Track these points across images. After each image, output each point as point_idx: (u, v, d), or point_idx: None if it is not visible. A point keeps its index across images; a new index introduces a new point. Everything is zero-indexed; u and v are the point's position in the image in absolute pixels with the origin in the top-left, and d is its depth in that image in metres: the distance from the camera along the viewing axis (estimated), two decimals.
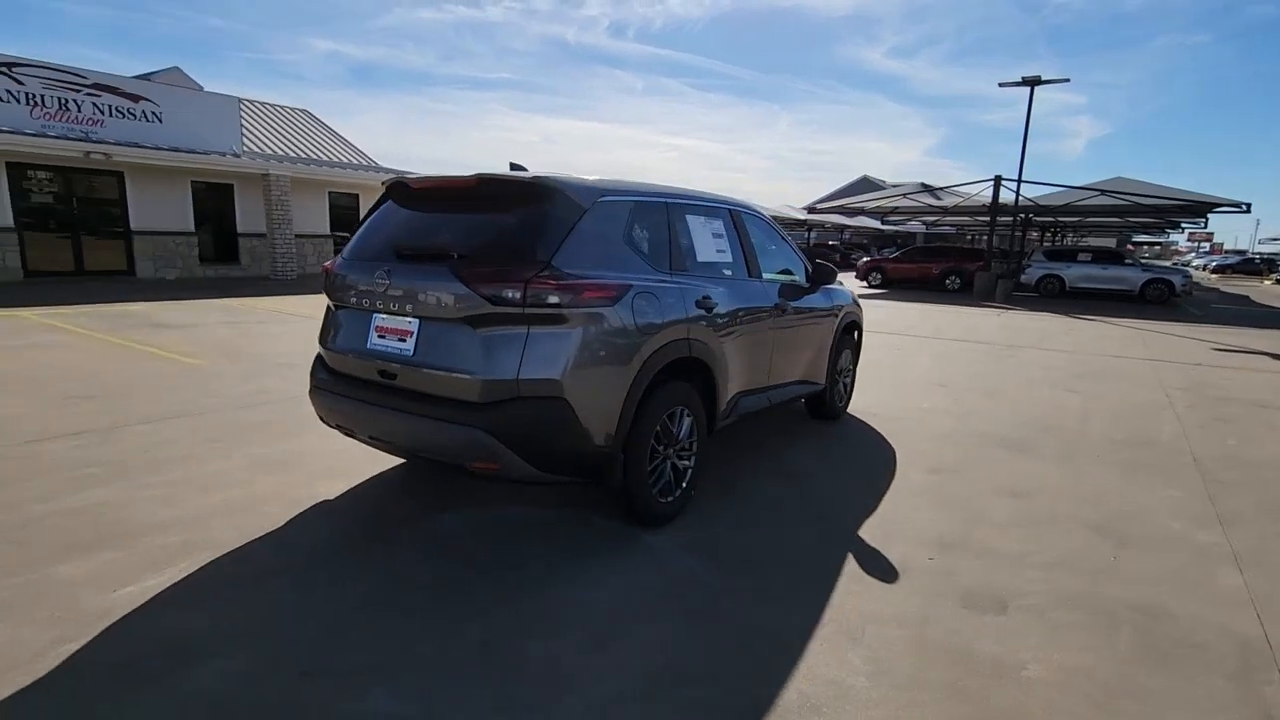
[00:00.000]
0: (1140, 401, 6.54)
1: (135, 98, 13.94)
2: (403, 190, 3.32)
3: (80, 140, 12.99)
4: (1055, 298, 20.17)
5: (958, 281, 22.15)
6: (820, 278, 4.79)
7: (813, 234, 46.85)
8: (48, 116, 12.85)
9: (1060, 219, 25.04)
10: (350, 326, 3.21)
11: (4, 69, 12.38)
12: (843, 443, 4.93)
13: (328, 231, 18.56)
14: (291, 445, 4.29)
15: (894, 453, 4.72)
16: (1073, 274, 20.41)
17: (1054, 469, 4.47)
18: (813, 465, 4.40)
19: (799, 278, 4.78)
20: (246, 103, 19.51)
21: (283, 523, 3.25)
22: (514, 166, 3.46)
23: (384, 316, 3.05)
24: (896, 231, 46.76)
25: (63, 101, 13.04)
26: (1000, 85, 18.84)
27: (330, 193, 18.44)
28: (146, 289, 13.16)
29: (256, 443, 4.36)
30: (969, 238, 43.39)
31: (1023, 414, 5.91)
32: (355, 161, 20.07)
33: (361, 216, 3.34)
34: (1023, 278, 21.14)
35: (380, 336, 3.06)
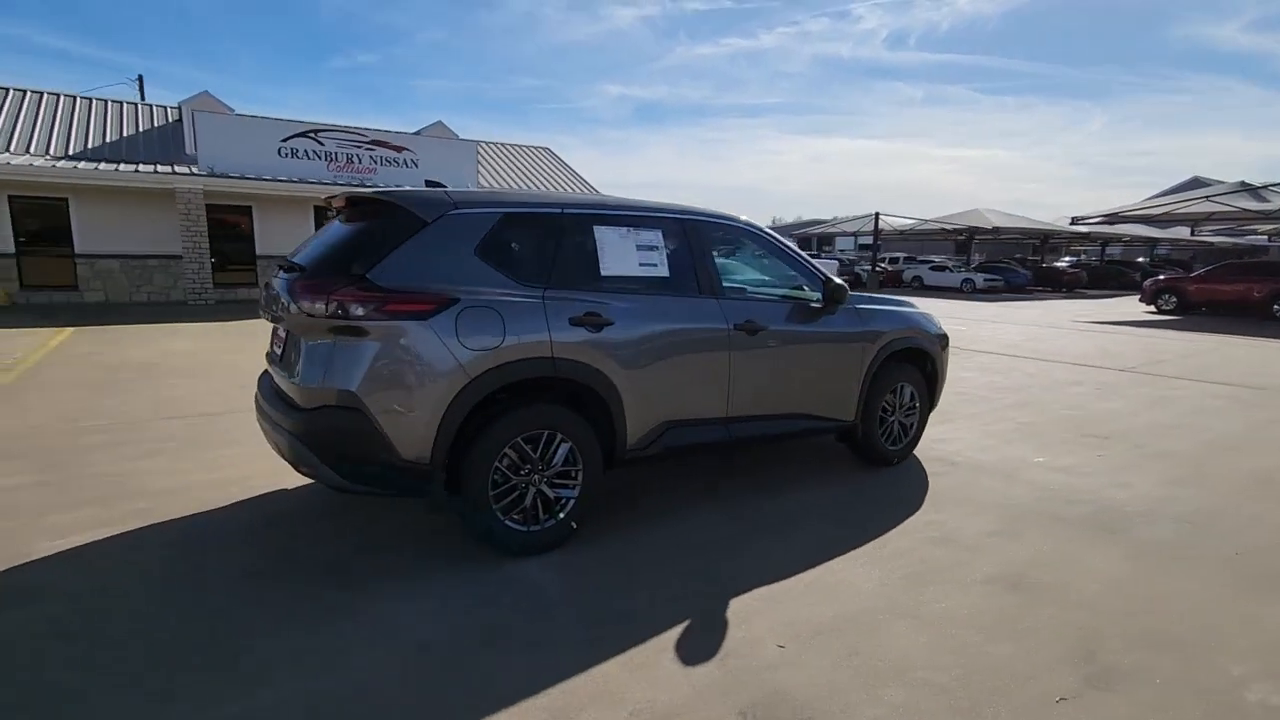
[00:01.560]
0: None
1: (399, 149, 17.05)
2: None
3: (358, 186, 16.28)
4: None
5: None
6: (833, 297, 4.06)
7: (1109, 249, 39.24)
8: (338, 168, 16.33)
9: None
10: (272, 337, 3.59)
11: (311, 134, 16.06)
12: (851, 492, 4.09)
13: None
14: None
15: (911, 512, 3.79)
16: None
17: (1128, 563, 3.21)
18: (782, 512, 3.74)
19: (812, 297, 4.12)
20: (496, 146, 22.64)
21: (226, 504, 3.71)
22: (429, 183, 3.55)
23: (278, 327, 3.35)
24: (1234, 245, 37.08)
25: (348, 156, 16.47)
26: None
27: None
28: None
29: None
30: None
31: (1178, 484, 4.33)
32: (579, 192, 22.02)
33: None
34: None
35: (274, 346, 3.37)
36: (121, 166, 14.79)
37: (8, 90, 17.15)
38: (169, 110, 18.73)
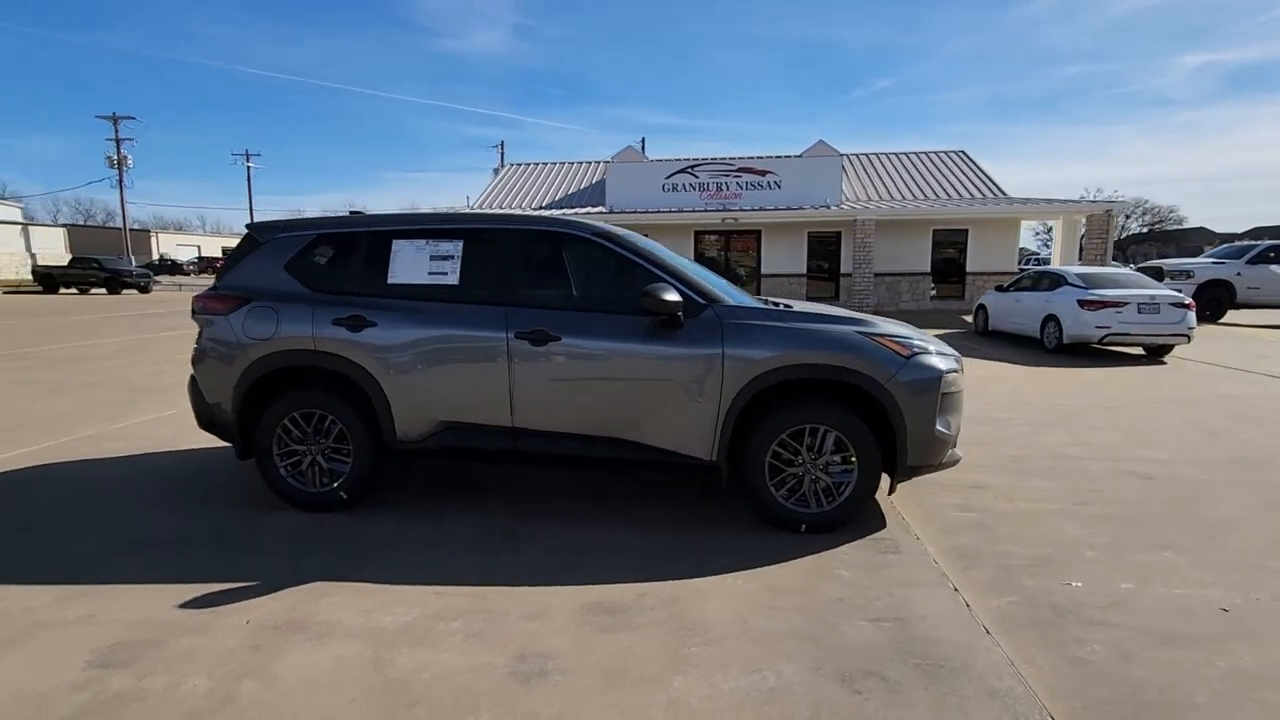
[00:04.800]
0: None
1: (763, 172, 17.95)
2: None
3: (720, 211, 17.85)
4: None
5: None
6: (651, 309, 3.41)
7: None
8: (709, 196, 18.19)
9: None
10: None
11: (690, 170, 18.33)
12: (651, 545, 3.36)
13: (927, 269, 18.53)
14: None
15: (648, 577, 3.01)
16: None
17: None
18: (531, 544, 3.43)
19: (637, 309, 3.55)
20: (895, 156, 21.50)
21: (152, 451, 5.23)
22: (352, 212, 4.48)
23: None
24: None
25: (718, 184, 18.17)
26: None
27: (934, 230, 18.34)
28: None
29: None
30: None
31: None
32: (979, 197, 19.07)
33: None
34: None
35: None
36: (563, 210, 19.67)
37: (539, 164, 24.60)
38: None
